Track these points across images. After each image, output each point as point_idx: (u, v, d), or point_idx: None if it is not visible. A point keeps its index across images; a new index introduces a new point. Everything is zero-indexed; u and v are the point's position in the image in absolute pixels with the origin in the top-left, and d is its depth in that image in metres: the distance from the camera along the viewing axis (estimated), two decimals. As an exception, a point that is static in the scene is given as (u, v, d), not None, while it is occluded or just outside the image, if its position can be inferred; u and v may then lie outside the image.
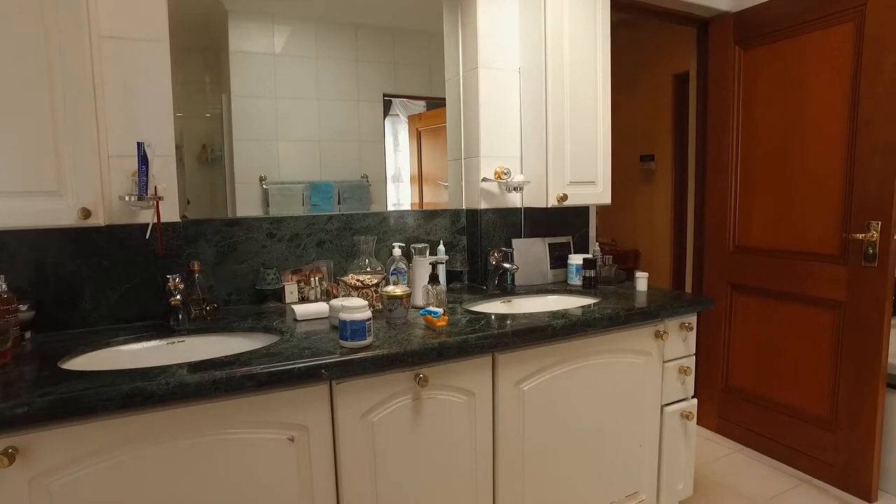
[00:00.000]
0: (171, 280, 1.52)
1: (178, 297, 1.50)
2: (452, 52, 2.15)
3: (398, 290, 1.52)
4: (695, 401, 1.95)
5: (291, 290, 1.80)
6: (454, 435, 1.45)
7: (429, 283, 1.61)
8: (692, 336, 1.91)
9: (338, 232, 1.91)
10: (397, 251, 1.85)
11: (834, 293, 2.21)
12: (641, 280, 2.01)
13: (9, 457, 0.98)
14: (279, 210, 1.86)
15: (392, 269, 1.83)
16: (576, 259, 2.12)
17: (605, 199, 2.13)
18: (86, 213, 1.31)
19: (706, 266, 2.75)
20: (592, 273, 2.04)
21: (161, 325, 1.54)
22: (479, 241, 2.11)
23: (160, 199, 1.52)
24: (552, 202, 2.00)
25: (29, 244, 1.47)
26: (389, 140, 2.09)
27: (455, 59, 2.16)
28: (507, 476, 1.56)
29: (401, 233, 2.03)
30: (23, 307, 1.40)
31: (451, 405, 1.44)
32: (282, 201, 1.88)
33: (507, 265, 1.96)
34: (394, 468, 1.37)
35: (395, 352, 1.30)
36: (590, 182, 2.08)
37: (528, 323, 1.54)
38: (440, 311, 1.46)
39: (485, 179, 2.09)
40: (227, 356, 1.25)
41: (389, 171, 2.10)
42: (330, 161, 1.95)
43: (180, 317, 1.52)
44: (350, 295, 1.65)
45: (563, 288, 2.09)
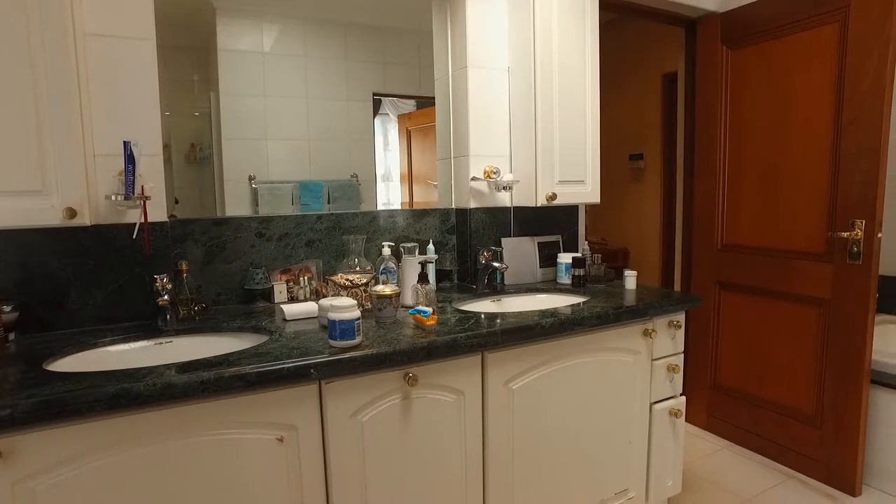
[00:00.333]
0: (158, 280, 1.51)
1: (166, 297, 1.49)
2: (442, 51, 2.15)
3: (387, 290, 1.52)
4: (683, 398, 1.97)
5: (280, 290, 1.79)
6: (444, 434, 1.46)
7: (418, 282, 1.61)
8: (680, 334, 1.93)
9: (327, 231, 1.91)
10: (387, 250, 1.85)
11: (820, 291, 2.24)
12: (630, 278, 2.02)
13: (-8, 459, 0.97)
14: (269, 209, 1.85)
15: (382, 268, 1.83)
16: (565, 258, 2.13)
17: (595, 198, 2.14)
18: (71, 213, 1.29)
19: (694, 264, 2.78)
20: (581, 272, 2.05)
21: (149, 326, 1.53)
22: (468, 241, 2.11)
23: (147, 198, 1.51)
24: (541, 201, 2.00)
25: (13, 244, 1.45)
26: (379, 139, 2.08)
27: (444, 59, 2.16)
28: (497, 475, 1.57)
29: (390, 232, 2.03)
30: (7, 308, 1.38)
31: (441, 404, 1.44)
32: (271, 201, 1.87)
33: (496, 264, 1.96)
34: (383, 468, 1.37)
35: (384, 351, 1.30)
36: (579, 181, 2.09)
37: (518, 322, 1.54)
38: (429, 310, 1.47)
39: (474, 178, 2.09)
40: (215, 356, 1.24)
41: (379, 171, 2.09)
42: (319, 160, 1.95)
43: (168, 317, 1.51)
44: (339, 294, 1.64)
45: (552, 287, 2.10)
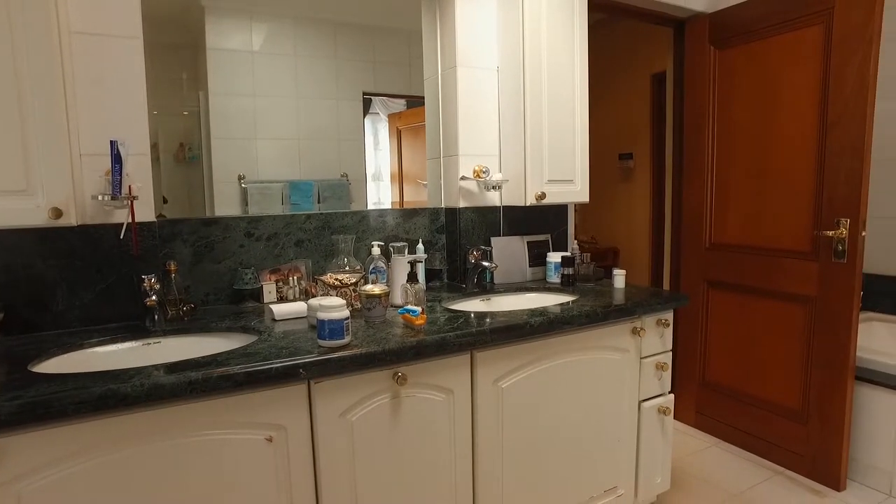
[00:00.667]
0: (146, 280, 1.50)
1: (154, 297, 1.49)
2: (431, 50, 2.16)
3: (376, 289, 1.52)
4: (671, 396, 1.98)
5: (270, 290, 1.79)
6: (433, 433, 1.46)
7: (407, 281, 1.62)
8: (669, 332, 1.94)
9: (316, 231, 1.90)
10: (376, 250, 1.85)
11: (806, 289, 2.26)
12: (619, 277, 2.04)
13: (-23, 462, 0.97)
14: (259, 209, 1.85)
15: (371, 267, 1.83)
16: (554, 257, 2.14)
17: (583, 197, 2.16)
18: (57, 213, 1.29)
19: (683, 263, 2.80)
20: (571, 271, 2.07)
21: (136, 326, 1.52)
22: (458, 240, 2.12)
23: (135, 198, 1.50)
24: (530, 200, 2.01)
25: (-2, 245, 1.44)
26: (370, 139, 2.08)
27: (434, 58, 2.16)
28: (487, 473, 1.57)
29: (380, 232, 2.03)
30: (-8, 309, 1.37)
31: (430, 403, 1.45)
32: (261, 200, 1.86)
33: (486, 263, 1.97)
34: (373, 467, 1.37)
35: (373, 350, 1.30)
36: (568, 180, 2.10)
37: (507, 321, 1.55)
38: (418, 309, 1.47)
39: (463, 178, 2.10)
40: (203, 357, 1.24)
41: (370, 170, 2.09)
42: (310, 160, 1.94)
43: (156, 317, 1.50)
44: (329, 294, 1.64)
45: (541, 286, 2.11)
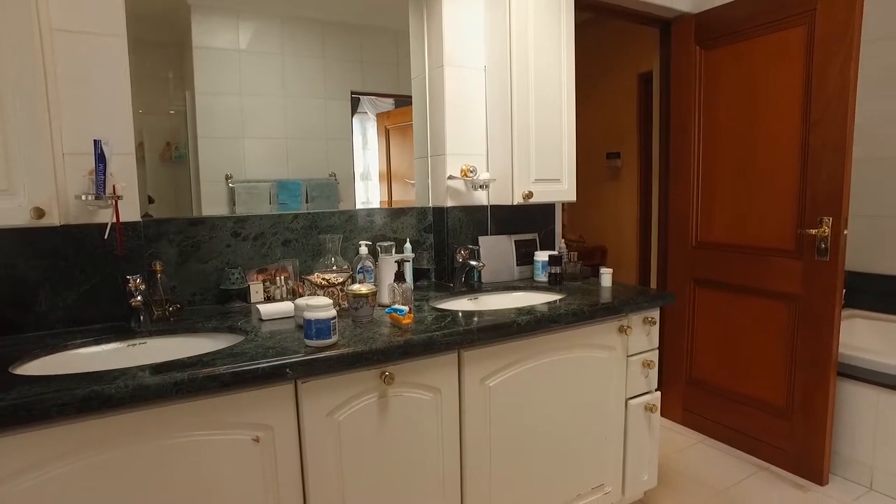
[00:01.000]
0: (131, 281, 1.49)
1: (139, 297, 1.48)
2: (418, 50, 2.16)
3: (364, 289, 1.52)
4: (658, 394, 2.00)
5: (257, 290, 1.78)
6: (421, 432, 1.46)
7: (395, 281, 1.62)
8: (655, 330, 1.96)
9: (304, 231, 1.90)
10: (364, 249, 1.85)
11: (790, 286, 2.29)
12: (606, 276, 2.05)
13: (-43, 465, 0.96)
14: (246, 209, 1.84)
15: (359, 267, 1.83)
16: (542, 256, 2.15)
17: (571, 196, 2.17)
18: (39, 213, 1.27)
19: (670, 262, 2.82)
20: (558, 269, 2.08)
21: (121, 327, 1.50)
22: (445, 239, 2.12)
23: (119, 198, 1.49)
24: (518, 200, 2.02)
25: (-21, 245, 1.42)
26: (358, 138, 2.08)
27: (421, 57, 2.16)
28: (474, 472, 1.58)
29: (368, 231, 2.03)
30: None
31: (418, 402, 1.45)
32: (249, 200, 1.85)
33: (473, 262, 1.97)
34: (360, 466, 1.37)
35: (360, 350, 1.30)
36: (555, 179, 2.11)
37: (494, 320, 1.55)
38: (406, 308, 1.47)
39: (451, 177, 2.10)
40: (189, 357, 1.23)
41: (358, 170, 2.09)
42: (297, 159, 1.94)
43: (142, 318, 1.49)
44: (316, 294, 1.64)
45: (529, 284, 2.12)
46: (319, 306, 1.29)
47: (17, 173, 1.26)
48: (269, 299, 1.80)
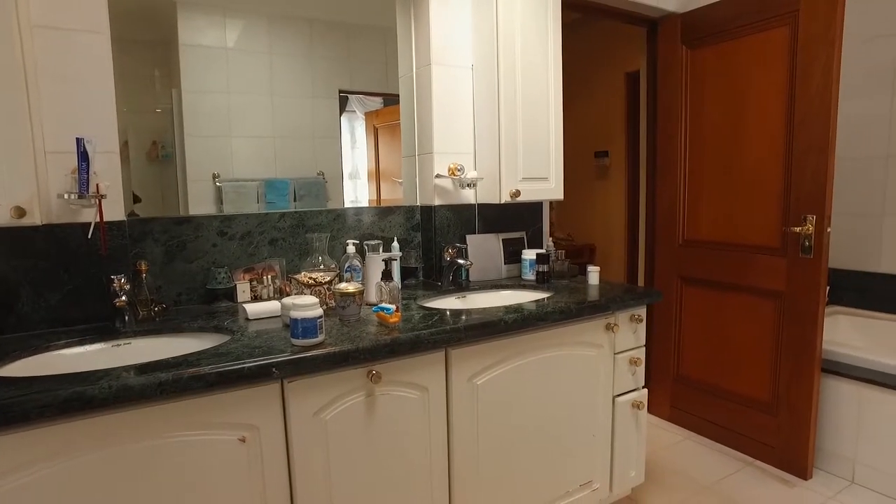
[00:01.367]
0: (116, 280, 1.48)
1: (124, 297, 1.47)
2: (406, 48, 2.15)
3: (351, 288, 1.52)
4: (645, 391, 2.01)
5: (244, 289, 1.77)
6: (408, 430, 1.46)
7: (382, 279, 1.61)
8: (642, 328, 1.97)
9: (291, 230, 1.89)
10: (351, 248, 1.84)
11: (775, 284, 2.32)
12: (593, 274, 2.06)
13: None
14: (234, 208, 1.83)
15: (346, 266, 1.83)
16: (529, 254, 2.16)
17: (558, 194, 2.17)
18: (20, 212, 1.26)
19: (657, 259, 2.84)
20: (546, 268, 2.08)
21: (106, 328, 1.49)
22: (433, 238, 2.12)
23: (103, 197, 1.47)
24: (505, 198, 2.03)
25: (-41, 245, 1.40)
26: (346, 137, 2.07)
27: (408, 56, 2.16)
28: (463, 470, 1.58)
29: (355, 230, 2.02)
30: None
31: (405, 401, 1.45)
32: (236, 199, 1.84)
33: (461, 261, 1.97)
34: (348, 466, 1.37)
35: (346, 349, 1.30)
36: (542, 178, 2.12)
37: (481, 318, 1.56)
38: (393, 307, 1.47)
39: (438, 176, 2.10)
40: (174, 357, 1.22)
41: (346, 168, 2.08)
42: (285, 158, 1.93)
43: (126, 318, 1.48)
44: (303, 293, 1.63)
45: (516, 283, 2.12)
46: (306, 305, 1.29)
47: (-3, 172, 1.25)
48: (255, 299, 1.79)
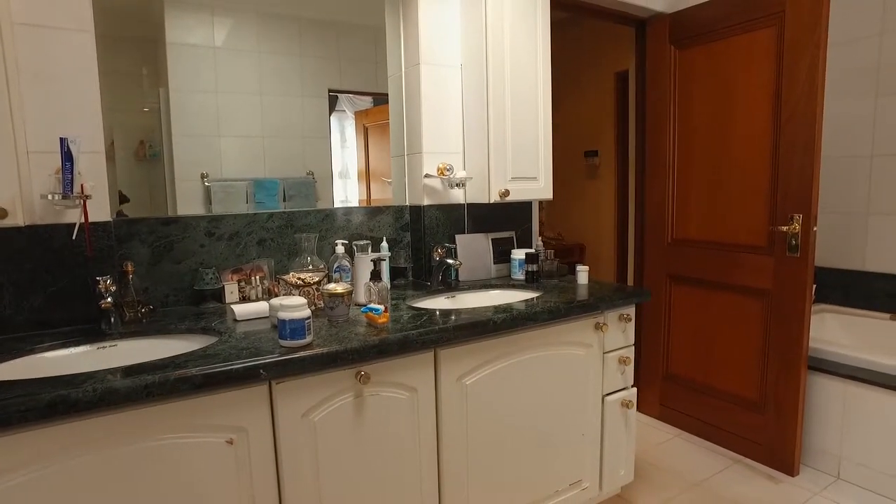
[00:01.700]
0: (101, 282, 1.46)
1: (110, 299, 1.45)
2: (395, 48, 2.15)
3: (339, 288, 1.51)
4: (634, 390, 2.02)
5: (232, 290, 1.76)
6: (398, 431, 1.46)
7: (371, 279, 1.61)
8: (631, 327, 1.98)
9: (279, 230, 1.88)
10: (340, 248, 1.84)
11: (762, 282, 2.34)
12: (582, 273, 2.07)
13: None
14: (223, 208, 1.82)
15: (335, 266, 1.82)
16: (518, 254, 2.16)
17: (547, 194, 2.18)
18: (2, 213, 1.24)
19: (646, 259, 2.86)
20: (535, 267, 2.09)
21: (91, 330, 1.47)
22: (422, 237, 2.12)
23: (88, 197, 1.45)
24: (494, 198, 2.03)
25: (-59, 246, 1.38)
26: (336, 136, 2.06)
27: (397, 56, 2.15)
28: (452, 470, 1.58)
29: (344, 230, 2.02)
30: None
31: (394, 402, 1.45)
32: (225, 199, 1.83)
33: (450, 261, 1.97)
34: (337, 467, 1.37)
35: (335, 350, 1.29)
36: (531, 178, 2.12)
37: (470, 318, 1.56)
38: (381, 307, 1.47)
39: (427, 176, 2.10)
40: (160, 359, 1.21)
41: (336, 168, 2.07)
42: (274, 158, 1.92)
43: (112, 320, 1.46)
44: (291, 293, 1.62)
45: (506, 282, 2.13)
46: (293, 306, 1.28)
47: (-22, 172, 1.23)
48: (244, 299, 1.78)
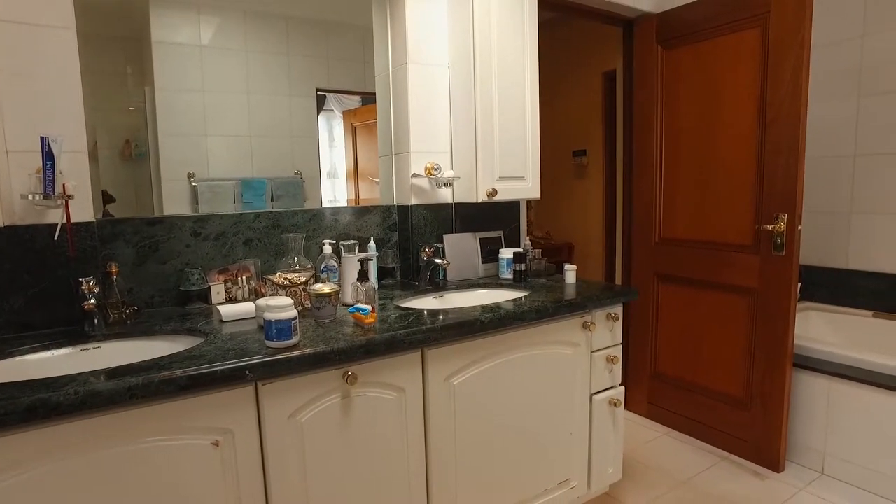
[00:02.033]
0: (84, 283, 1.44)
1: (93, 300, 1.43)
2: (382, 47, 2.14)
3: (326, 288, 1.50)
4: (622, 388, 2.03)
5: (218, 291, 1.75)
6: (385, 431, 1.46)
7: (358, 279, 1.60)
8: (619, 326, 1.99)
9: (266, 230, 1.87)
10: (328, 248, 1.83)
11: (748, 281, 2.36)
12: (570, 273, 2.08)
13: None
14: (210, 208, 1.80)
15: (323, 266, 1.81)
16: (506, 253, 2.16)
17: (535, 193, 2.18)
18: (-19, 214, 1.22)
19: (634, 258, 2.87)
20: (523, 267, 2.09)
21: (74, 332, 1.45)
22: (410, 237, 2.11)
23: (70, 197, 1.44)
24: (482, 197, 2.03)
25: (-82, 248, 1.35)
26: (324, 135, 2.05)
27: (385, 55, 2.14)
28: (440, 470, 1.58)
29: (332, 230, 2.01)
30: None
31: (382, 402, 1.44)
32: (212, 199, 1.81)
33: (438, 260, 1.97)
34: (325, 468, 1.36)
35: (321, 350, 1.29)
36: (519, 177, 2.12)
37: (457, 317, 1.55)
38: (368, 307, 1.46)
39: (415, 175, 2.09)
40: (145, 361, 1.20)
41: (325, 167, 2.06)
42: (262, 157, 1.90)
43: (96, 321, 1.45)
44: (278, 294, 1.61)
45: (494, 282, 2.13)
46: (279, 307, 1.28)
47: (-43, 172, 1.21)
48: (230, 300, 1.77)
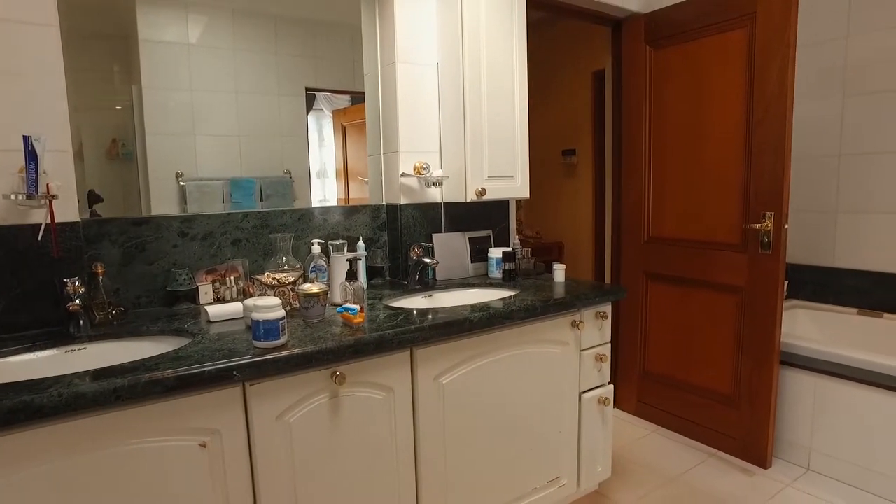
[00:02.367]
0: (69, 284, 1.43)
1: (78, 301, 1.42)
2: (371, 46, 2.14)
3: (314, 288, 1.50)
4: (611, 387, 2.04)
5: (206, 291, 1.74)
6: (374, 431, 1.46)
7: (347, 279, 1.60)
8: (607, 324, 2.00)
9: (254, 230, 1.86)
10: (316, 248, 1.83)
11: (736, 279, 2.38)
12: (559, 272, 2.08)
13: None
14: (198, 208, 1.79)
15: (312, 266, 1.81)
16: (495, 252, 2.17)
17: (524, 193, 2.19)
18: (-38, 214, 1.20)
19: (623, 257, 2.89)
20: (512, 266, 2.09)
21: (59, 333, 1.44)
22: (399, 237, 2.11)
23: (54, 197, 1.42)
24: (471, 196, 2.03)
25: None
26: (314, 135, 2.04)
27: (373, 54, 2.14)
28: (430, 469, 1.58)
29: (321, 229, 2.00)
30: None
31: (370, 402, 1.44)
32: (200, 198, 1.80)
33: (427, 260, 1.97)
34: (313, 468, 1.36)
35: (309, 350, 1.28)
36: (508, 176, 2.13)
37: (447, 317, 1.56)
38: (357, 307, 1.46)
39: (404, 174, 2.09)
40: (130, 362, 1.19)
41: (314, 167, 2.05)
42: (251, 156, 1.89)
43: (81, 323, 1.43)
44: (266, 294, 1.61)
45: (483, 281, 2.13)
46: (267, 307, 1.27)
47: (-63, 172, 1.19)
48: (218, 300, 1.76)
